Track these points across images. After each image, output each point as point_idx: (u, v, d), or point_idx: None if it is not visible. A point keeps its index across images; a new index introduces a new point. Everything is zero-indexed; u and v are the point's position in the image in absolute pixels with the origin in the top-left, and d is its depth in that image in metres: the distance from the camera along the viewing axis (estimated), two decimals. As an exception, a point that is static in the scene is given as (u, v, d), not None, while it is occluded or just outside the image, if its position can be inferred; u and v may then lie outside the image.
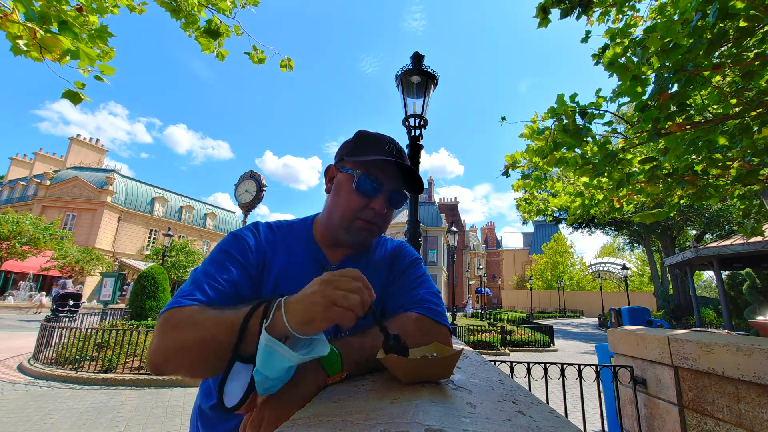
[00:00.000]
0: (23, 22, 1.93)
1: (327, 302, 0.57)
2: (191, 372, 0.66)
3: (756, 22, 2.37)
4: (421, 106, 3.79)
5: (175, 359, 0.65)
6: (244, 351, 0.61)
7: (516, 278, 60.32)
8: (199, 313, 0.68)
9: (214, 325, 0.64)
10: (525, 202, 5.05)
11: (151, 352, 0.67)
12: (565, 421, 0.47)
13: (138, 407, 4.80)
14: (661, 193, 3.63)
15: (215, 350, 0.62)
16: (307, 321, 0.58)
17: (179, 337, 0.65)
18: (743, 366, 1.89)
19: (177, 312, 0.69)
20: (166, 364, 0.66)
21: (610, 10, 3.61)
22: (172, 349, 0.65)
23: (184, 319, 0.67)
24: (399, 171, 0.88)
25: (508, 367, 2.94)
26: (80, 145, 37.39)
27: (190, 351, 0.64)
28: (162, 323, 0.68)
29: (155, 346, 0.66)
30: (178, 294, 0.74)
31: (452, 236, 16.25)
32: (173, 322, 0.67)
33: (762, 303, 12.30)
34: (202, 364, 0.65)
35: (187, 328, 0.65)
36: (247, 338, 0.61)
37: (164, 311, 0.70)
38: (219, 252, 0.85)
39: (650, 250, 26.89)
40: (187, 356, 0.64)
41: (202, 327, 0.64)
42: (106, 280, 15.30)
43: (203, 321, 0.66)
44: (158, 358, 0.66)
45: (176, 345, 0.65)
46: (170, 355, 0.65)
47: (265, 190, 8.51)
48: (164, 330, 0.67)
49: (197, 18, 3.36)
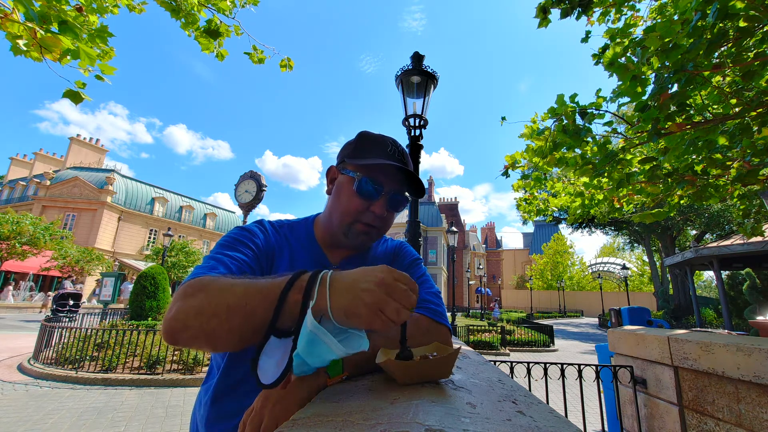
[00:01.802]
0: (23, 22, 1.93)
1: (375, 308, 0.53)
2: (211, 341, 0.59)
3: (756, 22, 2.37)
4: (421, 106, 3.79)
5: (197, 324, 0.58)
6: (280, 324, 0.56)
7: (516, 278, 60.31)
8: (229, 279, 0.63)
9: (247, 292, 0.58)
10: (525, 202, 5.05)
11: (168, 317, 0.60)
12: (565, 421, 0.47)
13: (138, 407, 4.80)
14: (661, 193, 3.63)
15: (245, 318, 0.57)
16: (350, 314, 0.54)
17: (205, 300, 0.59)
18: (743, 366, 1.89)
19: (203, 278, 0.63)
20: (185, 330, 0.58)
21: (610, 10, 3.61)
22: (195, 313, 0.58)
23: (211, 282, 0.62)
24: (401, 174, 0.88)
25: (508, 367, 2.95)
26: (80, 145, 37.38)
27: (216, 317, 0.57)
28: (185, 287, 0.62)
29: (175, 310, 0.60)
30: (199, 267, 0.70)
31: (452, 236, 16.25)
32: (198, 286, 0.61)
33: (762, 303, 12.30)
34: (227, 333, 0.57)
35: (216, 292, 0.59)
36: (285, 312, 0.56)
37: (187, 280, 0.65)
38: (229, 239, 0.84)
39: (650, 250, 26.89)
40: (211, 322, 0.57)
41: (233, 292, 0.59)
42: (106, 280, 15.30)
43: (234, 286, 0.60)
44: (177, 323, 0.58)
45: (201, 308, 0.58)
46: (192, 319, 0.58)
47: (265, 190, 8.51)
48: (187, 293, 0.61)
49: (197, 18, 3.36)
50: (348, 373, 0.67)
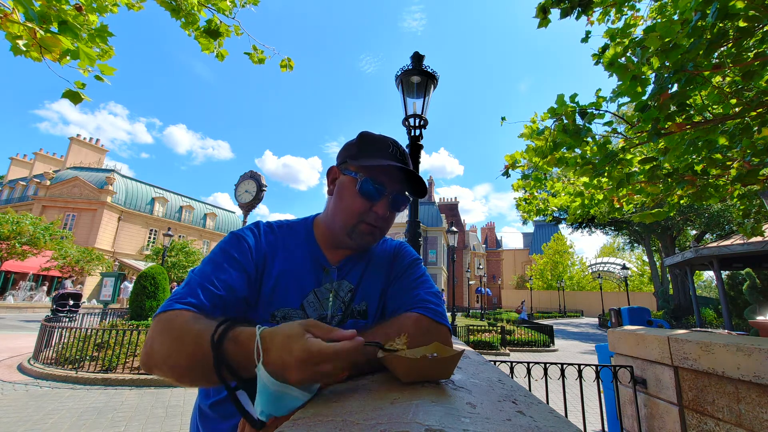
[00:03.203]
0: (23, 22, 1.93)
1: (313, 380, 0.55)
2: (180, 381, 0.65)
3: (756, 22, 2.37)
4: (421, 106, 3.79)
5: (164, 366, 0.65)
6: (231, 378, 0.58)
7: (516, 278, 60.32)
8: (188, 322, 0.66)
9: (198, 340, 0.61)
10: (525, 201, 5.05)
11: (144, 352, 0.67)
12: (565, 421, 0.47)
13: (138, 407, 4.80)
14: (661, 193, 3.63)
15: (202, 365, 0.60)
16: (279, 373, 0.54)
17: (168, 347, 0.64)
18: (743, 366, 1.89)
19: (168, 316, 0.69)
20: (156, 368, 0.66)
21: (610, 10, 3.60)
22: (162, 356, 0.65)
23: (174, 327, 0.66)
24: (402, 174, 0.88)
25: (508, 367, 2.94)
26: (80, 145, 37.36)
27: (178, 365, 0.64)
28: (154, 325, 0.68)
29: (148, 348, 0.66)
30: (172, 297, 0.74)
31: (452, 236, 16.25)
32: (161, 327, 0.67)
33: (762, 303, 12.30)
34: (189, 374, 0.64)
35: (175, 340, 0.64)
36: (229, 365, 0.58)
37: (157, 314, 0.70)
38: (218, 252, 0.85)
39: (650, 250, 26.89)
40: (176, 367, 0.64)
41: (188, 340, 0.63)
42: (106, 280, 15.30)
43: (189, 332, 0.64)
44: (150, 361, 0.66)
45: (166, 353, 0.64)
46: (159, 361, 0.65)
47: (265, 190, 8.51)
48: (154, 333, 0.67)
49: (197, 18, 3.36)
50: (348, 373, 0.67)
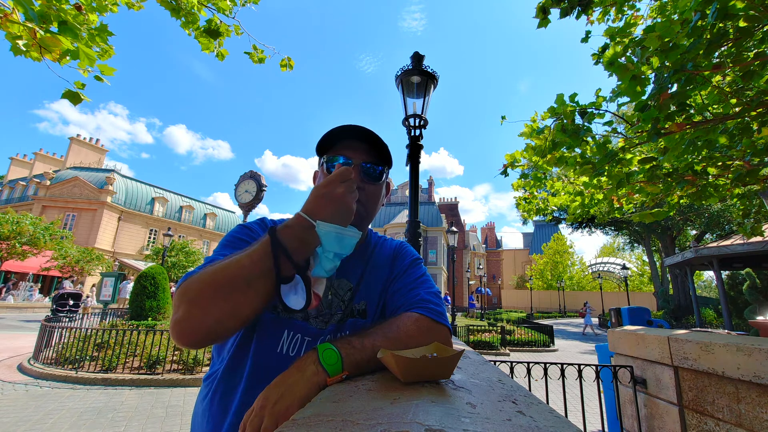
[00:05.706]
0: (23, 22, 1.93)
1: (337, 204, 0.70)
2: (214, 302, 0.65)
3: (756, 22, 2.37)
4: (421, 106, 3.79)
5: (206, 302, 0.65)
6: (284, 272, 0.67)
7: (516, 278, 60.28)
8: (212, 267, 0.69)
9: (237, 260, 0.67)
10: (525, 201, 5.05)
11: (173, 320, 0.67)
12: (565, 421, 0.47)
13: (138, 407, 4.80)
14: (660, 192, 3.63)
15: (245, 279, 0.65)
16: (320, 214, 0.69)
17: (208, 279, 0.66)
18: (743, 366, 1.89)
19: (187, 281, 0.69)
20: (186, 319, 0.65)
21: (609, 10, 3.60)
22: (195, 294, 0.66)
23: (206, 271, 0.68)
24: (365, 145, 0.87)
25: (508, 367, 2.95)
26: (80, 145, 37.36)
27: (222, 288, 0.65)
28: (177, 294, 0.69)
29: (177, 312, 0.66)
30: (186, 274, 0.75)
31: (452, 236, 16.24)
32: (184, 288, 0.68)
33: (762, 303, 12.30)
34: (233, 300, 0.65)
35: (212, 274, 0.67)
36: (284, 249, 0.66)
37: (183, 279, 0.71)
38: (227, 237, 0.88)
39: (650, 250, 26.87)
40: (219, 294, 0.65)
41: (227, 266, 0.67)
42: (106, 280, 15.30)
43: (221, 265, 0.68)
44: (182, 320, 0.66)
45: (204, 285, 0.66)
46: (192, 301, 0.66)
47: (265, 190, 8.51)
48: (179, 298, 0.67)
49: (197, 17, 3.36)
50: (348, 372, 0.67)
